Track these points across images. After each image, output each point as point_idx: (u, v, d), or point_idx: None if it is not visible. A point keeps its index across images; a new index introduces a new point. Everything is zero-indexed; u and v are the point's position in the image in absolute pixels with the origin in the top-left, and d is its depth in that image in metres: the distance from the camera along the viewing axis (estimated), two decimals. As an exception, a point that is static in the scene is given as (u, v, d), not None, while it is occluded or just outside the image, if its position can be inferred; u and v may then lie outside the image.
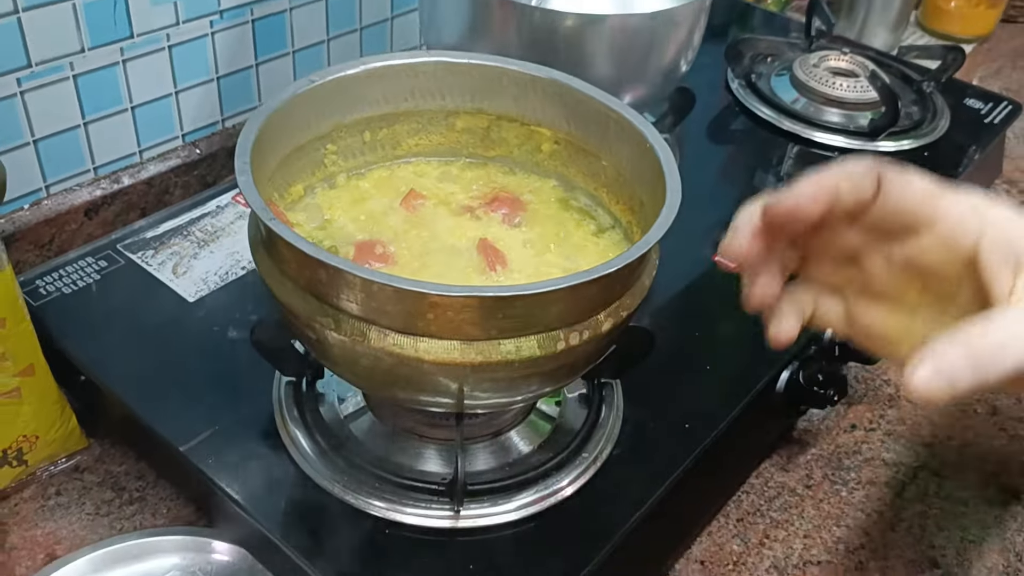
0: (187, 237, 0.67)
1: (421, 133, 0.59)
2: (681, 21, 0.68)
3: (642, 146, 0.51)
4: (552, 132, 0.57)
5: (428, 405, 0.49)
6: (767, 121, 0.88)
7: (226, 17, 0.75)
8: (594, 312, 0.44)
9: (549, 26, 0.64)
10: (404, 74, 0.56)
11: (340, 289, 0.42)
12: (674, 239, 0.44)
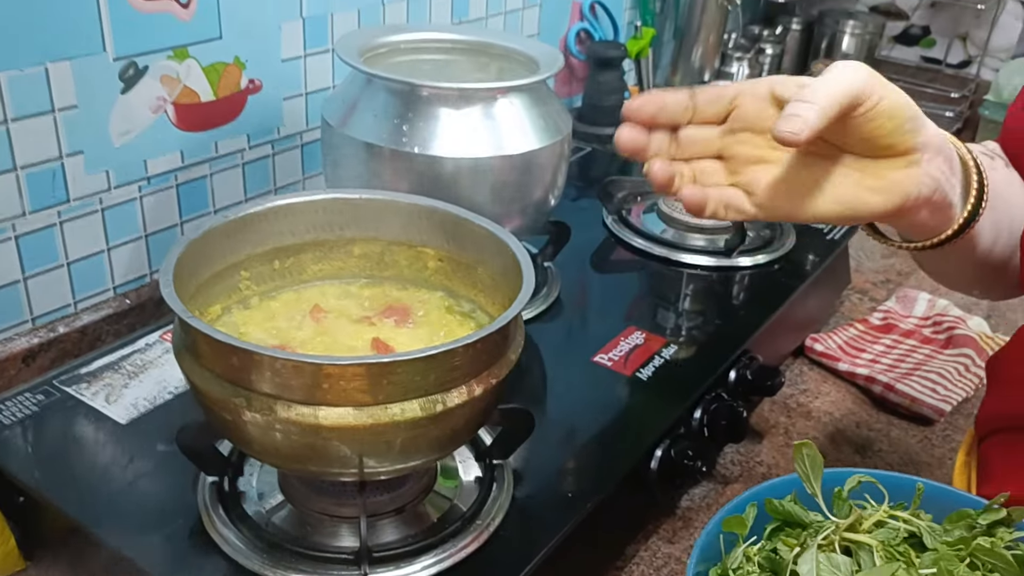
0: (118, 371, 0.74)
1: (323, 260, 0.68)
2: (543, 162, 0.80)
3: (508, 254, 0.62)
4: (436, 251, 0.68)
5: (334, 475, 0.56)
6: (641, 250, 1.00)
7: (153, 183, 0.85)
8: (466, 379, 0.53)
9: (432, 169, 0.76)
10: (307, 210, 0.66)
11: (250, 370, 0.50)
12: (562, 345, 0.55)
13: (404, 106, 0.77)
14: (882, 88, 0.48)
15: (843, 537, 0.49)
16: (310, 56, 0.96)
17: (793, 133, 0.45)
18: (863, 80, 0.47)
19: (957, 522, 0.49)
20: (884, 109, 0.48)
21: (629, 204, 1.07)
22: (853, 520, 0.49)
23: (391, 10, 1.03)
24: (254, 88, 0.91)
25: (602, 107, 1.31)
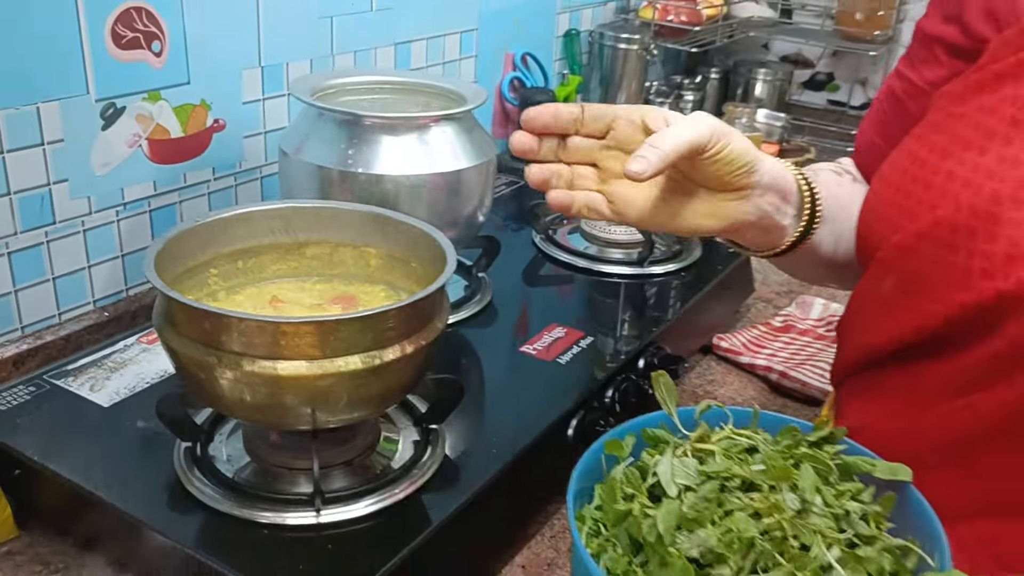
0: (101, 367, 0.85)
1: (281, 260, 0.80)
2: (471, 180, 0.93)
3: (436, 247, 0.74)
4: (376, 250, 0.80)
5: (292, 424, 0.67)
6: (566, 263, 1.13)
7: (129, 208, 0.97)
8: (400, 339, 0.65)
9: (375, 186, 0.88)
10: (266, 217, 0.78)
11: (220, 332, 0.61)
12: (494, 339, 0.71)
13: (350, 134, 0.89)
14: (727, 137, 0.62)
15: (694, 448, 0.61)
16: (268, 99, 1.08)
17: (637, 172, 0.58)
18: (708, 131, 0.60)
19: (787, 436, 0.61)
20: (726, 155, 0.61)
21: (555, 225, 1.21)
22: (702, 434, 0.61)
23: (340, 60, 1.16)
24: (218, 127, 1.03)
25: (534, 146, 1.45)
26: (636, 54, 1.61)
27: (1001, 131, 0.59)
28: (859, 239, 0.71)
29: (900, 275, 0.63)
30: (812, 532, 0.55)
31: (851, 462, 0.60)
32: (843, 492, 0.58)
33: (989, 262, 0.56)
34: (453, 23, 1.34)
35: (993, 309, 0.56)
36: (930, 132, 0.64)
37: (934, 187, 0.61)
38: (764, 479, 0.57)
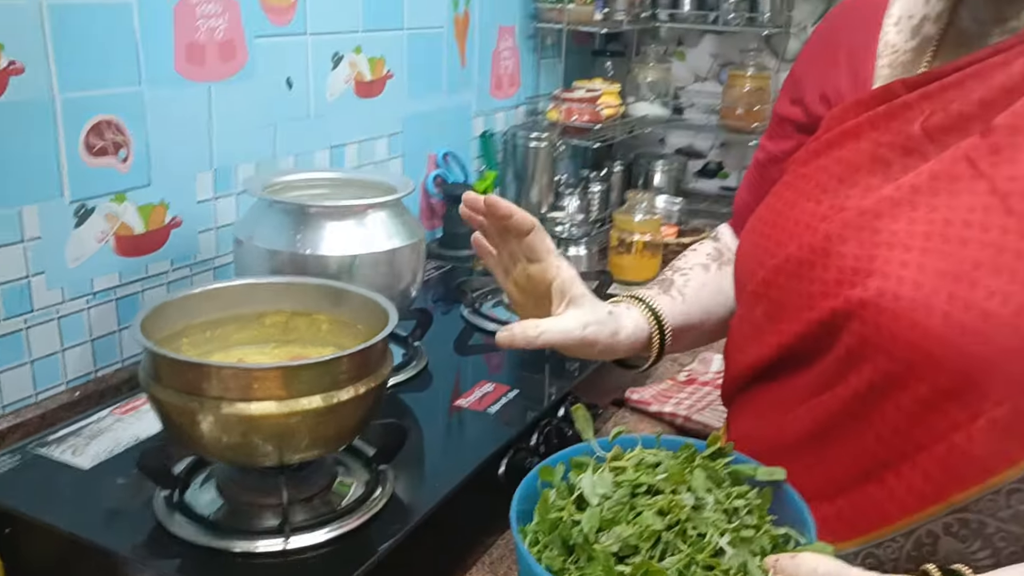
0: (79, 436, 0.95)
1: (243, 330, 0.92)
2: (403, 258, 1.08)
3: (379, 310, 0.87)
4: (327, 317, 0.93)
5: (262, 461, 0.78)
6: (492, 331, 1.27)
7: (97, 296, 1.08)
8: (353, 382, 0.77)
9: (321, 264, 1.02)
10: (230, 292, 0.91)
11: (201, 380, 0.73)
12: (430, 397, 0.87)
13: (298, 222, 1.03)
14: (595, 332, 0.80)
15: (611, 465, 0.74)
16: (219, 198, 1.22)
17: (500, 342, 0.75)
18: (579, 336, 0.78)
19: (685, 451, 0.75)
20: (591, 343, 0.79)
21: (481, 300, 1.35)
22: (616, 454, 0.74)
23: (282, 162, 1.31)
24: (176, 223, 1.16)
25: (458, 234, 1.61)
26: (546, 151, 1.80)
27: (831, 186, 0.75)
28: (735, 279, 0.87)
29: (765, 303, 0.79)
30: (707, 524, 0.68)
31: (738, 469, 0.74)
32: (732, 493, 0.72)
33: (825, 286, 0.72)
34: (381, 128, 1.50)
35: (831, 323, 0.71)
36: (783, 189, 0.81)
37: (786, 231, 0.77)
38: (666, 484, 0.71)
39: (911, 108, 0.70)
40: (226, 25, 1.17)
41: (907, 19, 0.78)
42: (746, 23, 1.90)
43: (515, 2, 1.80)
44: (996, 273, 0.61)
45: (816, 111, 0.83)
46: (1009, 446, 0.62)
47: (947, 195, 0.65)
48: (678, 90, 2.12)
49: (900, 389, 0.65)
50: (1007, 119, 0.63)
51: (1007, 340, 0.60)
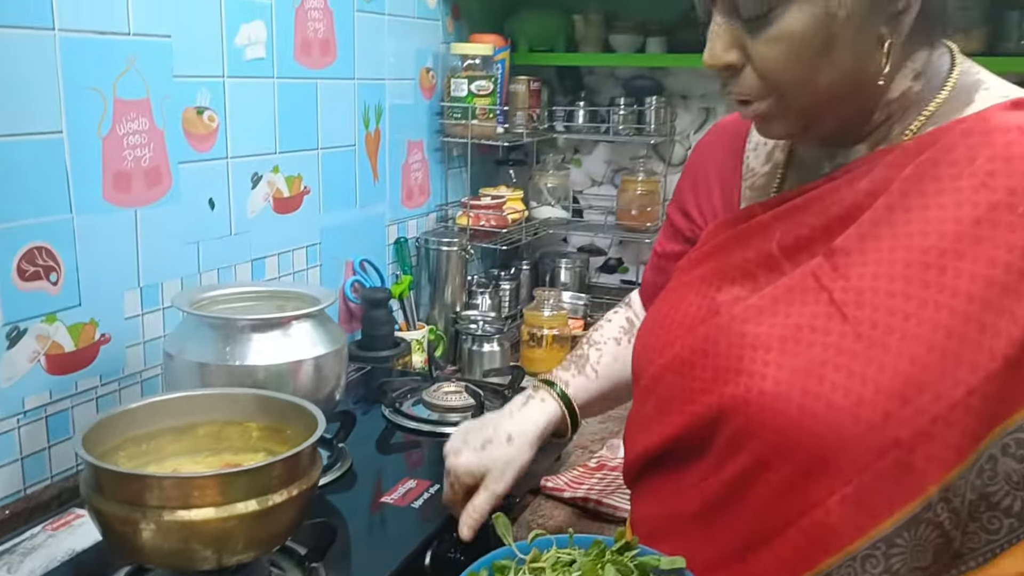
0: (14, 553, 0.97)
1: (176, 441, 0.98)
2: (327, 364, 1.15)
3: (307, 415, 0.94)
4: (257, 425, 0.99)
5: (200, 565, 0.83)
6: (412, 429, 1.35)
7: (28, 415, 1.12)
8: (285, 485, 0.84)
9: (250, 374, 1.08)
10: (164, 405, 0.97)
11: (143, 491, 0.79)
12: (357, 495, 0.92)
13: (226, 335, 1.10)
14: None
15: (530, 567, 0.82)
16: (146, 314, 1.27)
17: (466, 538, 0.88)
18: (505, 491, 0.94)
19: (596, 548, 0.83)
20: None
21: (401, 399, 1.42)
22: (535, 556, 0.82)
23: (206, 277, 1.37)
24: (104, 340, 1.21)
25: (376, 336, 1.68)
26: (457, 254, 1.90)
27: (709, 293, 0.87)
28: (632, 372, 0.97)
29: (655, 398, 0.89)
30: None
31: (644, 561, 0.82)
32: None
33: (704, 383, 0.82)
34: (299, 240, 1.58)
35: (710, 416, 0.81)
36: (669, 294, 0.92)
37: (671, 332, 0.88)
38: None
39: (768, 227, 0.83)
40: (151, 154, 1.25)
41: (762, 145, 0.92)
42: (634, 133, 2.07)
43: (423, 119, 1.93)
44: (837, 370, 0.72)
45: (698, 224, 0.95)
46: (859, 518, 0.71)
47: (799, 304, 0.77)
48: (576, 194, 2.27)
49: (769, 471, 0.75)
50: (842, 243, 0.76)
51: (850, 427, 0.71)
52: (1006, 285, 0.69)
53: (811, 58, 0.74)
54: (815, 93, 0.75)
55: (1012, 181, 0.71)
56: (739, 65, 0.76)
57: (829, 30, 0.73)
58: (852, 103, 0.78)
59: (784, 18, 0.73)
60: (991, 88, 0.80)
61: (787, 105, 0.76)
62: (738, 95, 0.78)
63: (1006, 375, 0.68)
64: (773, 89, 0.76)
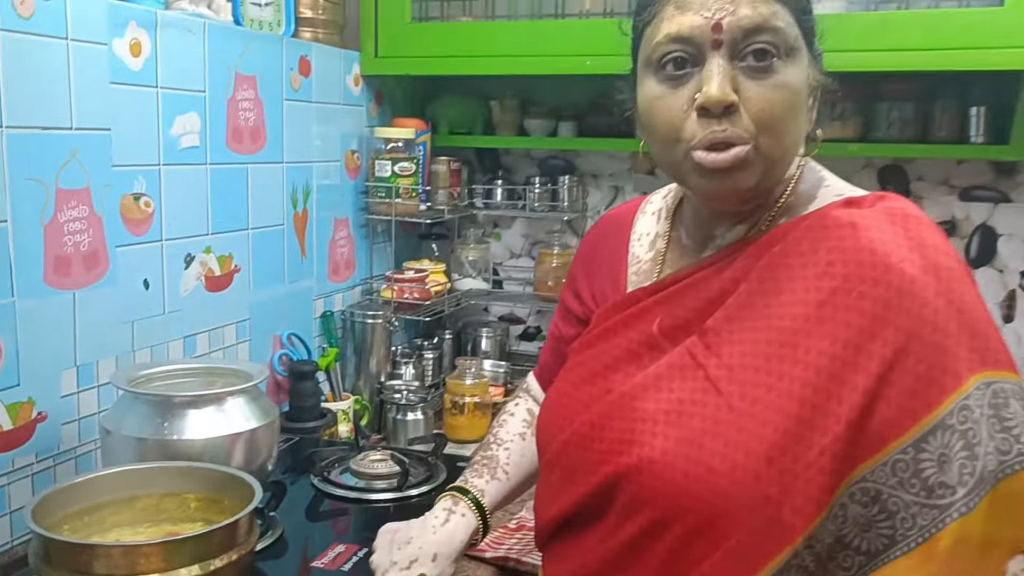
0: (-46, 627, 1.01)
1: (117, 514, 1.04)
2: (260, 437, 1.22)
3: (244, 485, 1.02)
4: (195, 496, 1.06)
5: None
6: (340, 496, 1.42)
7: (-33, 493, 1.16)
8: (226, 550, 0.91)
9: (188, 447, 1.15)
10: (103, 481, 1.03)
11: (92, 560, 0.85)
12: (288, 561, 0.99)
13: (163, 411, 1.17)
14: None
15: None
16: (82, 392, 1.33)
17: None
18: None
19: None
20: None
21: (329, 468, 1.50)
22: None
23: (140, 355, 1.43)
24: (41, 418, 1.26)
25: (304, 408, 1.75)
26: (381, 326, 1.99)
27: (602, 372, 0.97)
28: (537, 445, 1.07)
29: (558, 470, 0.98)
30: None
31: None
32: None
33: (602, 455, 0.92)
34: (229, 316, 1.65)
35: (608, 484, 0.90)
36: (566, 373, 1.03)
37: (571, 409, 0.98)
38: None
39: (650, 311, 0.94)
40: (90, 239, 1.32)
41: (646, 235, 1.04)
42: (549, 209, 2.21)
43: (348, 198, 2.03)
44: (715, 439, 0.83)
45: (589, 307, 1.06)
46: (740, 570, 0.81)
47: (679, 380, 0.88)
48: (496, 266, 2.39)
49: (663, 532, 0.85)
50: (712, 324, 0.88)
51: (728, 489, 0.81)
52: (845, 359, 0.81)
53: (795, 111, 0.85)
54: (783, 146, 0.86)
55: (847, 269, 0.84)
56: (735, 105, 0.83)
57: (803, 95, 0.86)
58: (783, 169, 0.90)
59: (784, 71, 0.84)
60: (831, 186, 0.94)
61: (760, 154, 0.84)
62: (729, 136, 0.83)
63: (850, 435, 0.80)
64: (761, 132, 0.84)
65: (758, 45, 0.83)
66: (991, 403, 0.80)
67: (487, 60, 1.94)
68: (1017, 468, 0.80)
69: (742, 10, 0.83)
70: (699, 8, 0.84)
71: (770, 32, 0.83)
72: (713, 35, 0.83)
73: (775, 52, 0.84)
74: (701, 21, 0.84)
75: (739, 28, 0.83)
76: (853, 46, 1.68)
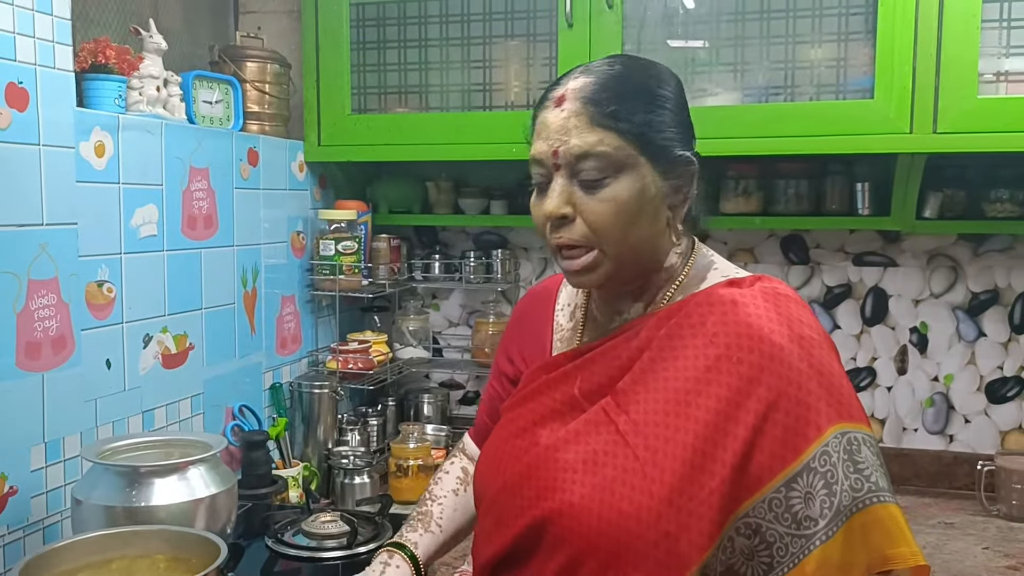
0: None
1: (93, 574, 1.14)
2: (220, 502, 1.33)
3: (211, 545, 1.13)
4: (164, 557, 1.17)
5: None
6: (294, 556, 1.52)
7: (-56, 564, 1.24)
8: (196, 601, 1.02)
9: (154, 513, 1.26)
10: (79, 545, 1.13)
11: (78, 614, 0.96)
12: None
13: (131, 480, 1.28)
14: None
15: None
16: (49, 466, 1.42)
17: None
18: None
19: None
20: None
21: (282, 530, 1.61)
22: None
23: (102, 431, 1.53)
24: (12, 492, 1.36)
25: (255, 475, 1.85)
26: (328, 396, 2.11)
27: (530, 428, 1.12)
28: (474, 495, 1.20)
29: (492, 515, 1.12)
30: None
31: None
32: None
33: (530, 501, 1.06)
34: (185, 391, 1.76)
35: (535, 526, 1.04)
36: (499, 429, 1.17)
37: (503, 462, 1.12)
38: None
39: (570, 375, 1.10)
40: (58, 324, 1.43)
41: (568, 306, 1.21)
42: (484, 281, 2.37)
43: (295, 276, 2.16)
44: (624, 484, 0.98)
45: (519, 368, 1.22)
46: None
47: (595, 435, 1.03)
48: (436, 335, 2.53)
49: (580, 566, 0.99)
50: (622, 386, 1.04)
51: (634, 527, 0.96)
52: (728, 414, 0.98)
53: (628, 217, 1.01)
54: (626, 245, 1.02)
55: (728, 339, 1.01)
56: (571, 217, 1.02)
57: (641, 201, 1.02)
58: (645, 262, 1.06)
59: (614, 185, 1.01)
60: (719, 268, 1.12)
61: (605, 255, 1.02)
62: (568, 241, 1.02)
63: (733, 478, 0.96)
64: (597, 237, 1.01)
65: (586, 167, 1.01)
66: (846, 449, 0.97)
67: (423, 147, 2.11)
68: (868, 503, 0.96)
69: (572, 140, 1.02)
70: (545, 138, 1.04)
71: (595, 157, 1.01)
72: (553, 159, 1.03)
73: (604, 171, 1.01)
74: (545, 148, 1.04)
75: (570, 154, 1.02)
76: (750, 133, 1.90)
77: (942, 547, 1.81)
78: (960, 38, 1.77)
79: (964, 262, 2.17)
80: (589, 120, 1.01)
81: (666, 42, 2.04)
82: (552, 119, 1.03)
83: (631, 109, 1.02)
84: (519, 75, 2.18)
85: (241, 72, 2.02)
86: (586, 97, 1.02)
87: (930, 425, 2.21)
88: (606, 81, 1.03)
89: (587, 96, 1.02)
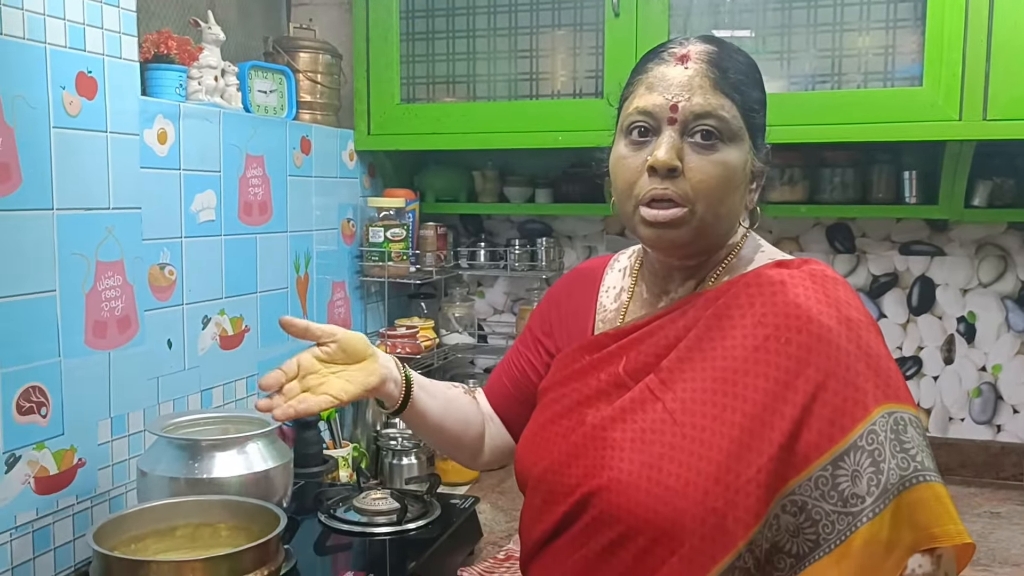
0: (16, 645, 1.16)
1: (160, 541, 1.20)
2: (276, 475, 1.39)
3: (270, 514, 1.18)
4: (226, 525, 1.22)
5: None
6: (345, 531, 1.57)
7: (19, 530, 1.31)
8: (258, 566, 1.07)
9: (215, 484, 1.31)
10: (149, 511, 1.19)
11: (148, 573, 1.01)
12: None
13: (193, 453, 1.33)
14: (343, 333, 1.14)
15: None
16: (115, 440, 1.49)
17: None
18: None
19: None
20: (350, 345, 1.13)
21: (335, 506, 1.65)
22: None
23: (163, 407, 1.60)
24: (81, 463, 1.42)
25: (308, 454, 1.91)
26: (377, 379, 2.16)
27: (575, 408, 1.14)
28: (516, 475, 1.23)
29: (541, 493, 1.15)
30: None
31: None
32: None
33: (578, 478, 1.09)
34: (240, 372, 1.82)
35: (583, 502, 1.06)
36: (541, 411, 1.20)
37: (549, 441, 1.15)
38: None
39: (615, 355, 1.12)
40: (123, 305, 1.49)
41: (613, 289, 1.23)
42: (529, 268, 2.41)
43: (344, 263, 2.21)
44: (671, 462, 1.01)
45: (558, 343, 1.23)
46: (693, 571, 0.97)
47: (641, 413, 1.05)
48: (481, 321, 2.58)
49: (629, 541, 1.01)
50: (667, 364, 1.06)
51: (681, 503, 0.98)
52: (776, 394, 1.00)
53: (730, 184, 1.04)
54: (717, 212, 1.04)
55: (777, 320, 1.03)
56: (678, 171, 1.02)
57: (742, 173, 1.05)
58: (719, 235, 1.08)
59: (724, 151, 1.03)
60: (766, 251, 1.14)
61: (695, 216, 1.03)
62: (665, 194, 1.02)
63: (780, 456, 0.98)
64: (695, 196, 1.02)
65: (704, 127, 1.03)
66: (892, 429, 0.98)
67: (469, 136, 2.15)
68: (914, 482, 0.97)
69: (695, 98, 1.03)
70: (663, 91, 1.04)
71: (715, 119, 1.03)
72: (670, 113, 1.03)
73: (718, 135, 1.03)
74: (662, 101, 1.04)
75: (691, 111, 1.03)
76: (795, 120, 1.90)
77: (988, 536, 1.81)
78: (1011, 24, 1.76)
79: (1014, 251, 2.15)
80: (713, 84, 1.03)
81: (712, 31, 2.05)
82: (674, 74, 1.04)
83: (749, 85, 1.06)
84: (565, 64, 2.20)
85: (294, 63, 2.07)
86: (713, 61, 1.04)
87: (977, 415, 2.20)
88: (729, 53, 1.06)
89: (713, 61, 1.04)
